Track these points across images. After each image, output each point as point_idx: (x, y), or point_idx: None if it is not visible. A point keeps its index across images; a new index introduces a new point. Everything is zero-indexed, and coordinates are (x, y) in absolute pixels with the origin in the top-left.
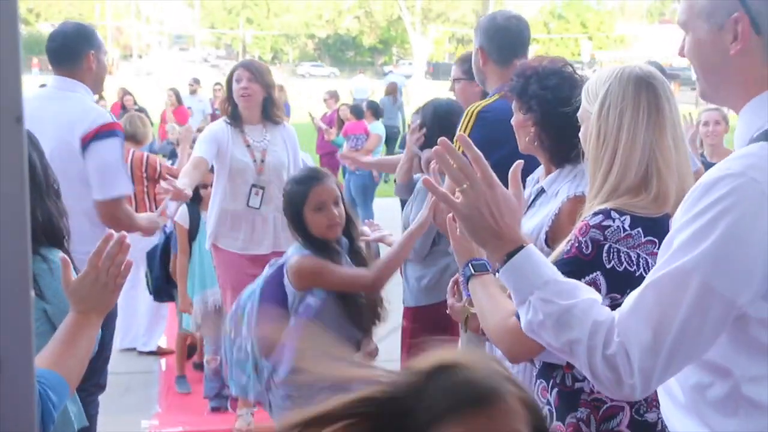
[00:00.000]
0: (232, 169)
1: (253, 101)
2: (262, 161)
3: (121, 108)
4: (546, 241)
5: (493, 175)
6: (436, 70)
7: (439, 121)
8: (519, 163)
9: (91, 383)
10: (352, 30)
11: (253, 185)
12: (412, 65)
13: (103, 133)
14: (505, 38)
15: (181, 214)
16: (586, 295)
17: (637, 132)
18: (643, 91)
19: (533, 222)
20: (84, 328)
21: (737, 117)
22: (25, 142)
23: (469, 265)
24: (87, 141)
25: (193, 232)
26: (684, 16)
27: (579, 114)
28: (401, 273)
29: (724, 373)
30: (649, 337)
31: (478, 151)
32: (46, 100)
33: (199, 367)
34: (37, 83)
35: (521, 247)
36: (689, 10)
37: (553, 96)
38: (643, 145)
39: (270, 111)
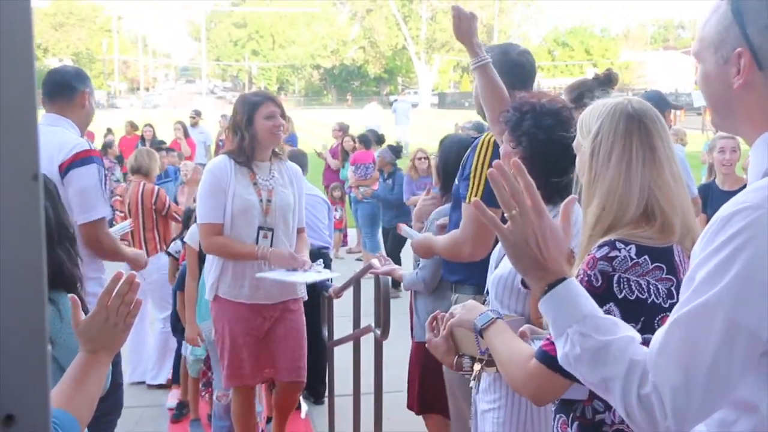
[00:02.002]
0: (235, 208)
1: (281, 139)
2: (269, 201)
3: (140, 139)
4: (523, 281)
5: (543, 205)
6: (441, 99)
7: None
8: (572, 198)
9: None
10: (357, 60)
11: (260, 228)
12: (417, 94)
13: (79, 160)
14: (519, 74)
15: (191, 236)
16: (624, 332)
17: (630, 171)
18: (635, 130)
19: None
20: (94, 368)
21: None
22: (41, 200)
23: (477, 318)
24: (64, 168)
25: (203, 253)
26: (696, 47)
27: (574, 144)
28: (412, 307)
29: (750, 409)
30: (680, 378)
31: (531, 180)
32: None
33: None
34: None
35: (563, 279)
36: (700, 42)
37: (545, 136)
38: (641, 184)
39: (278, 146)
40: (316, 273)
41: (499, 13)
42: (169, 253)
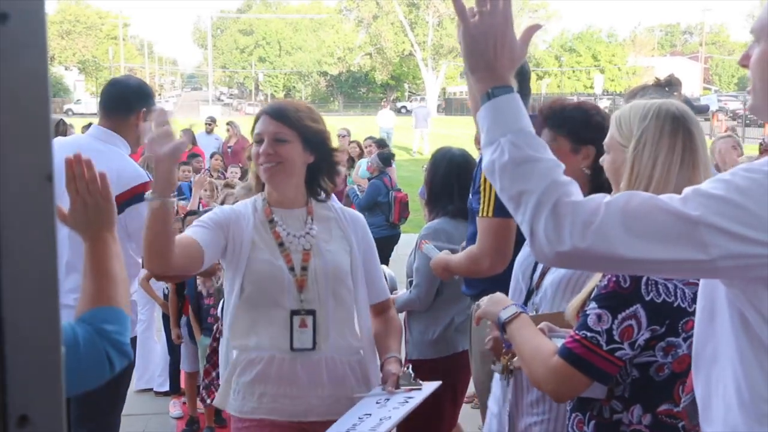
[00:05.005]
0: (249, 276)
1: (283, 177)
2: (304, 269)
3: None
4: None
5: (512, 14)
6: (448, 105)
7: (454, 171)
8: (535, 26)
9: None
10: (364, 67)
11: (294, 312)
12: (424, 100)
13: (137, 195)
14: (520, 79)
15: None
16: (553, 157)
17: (671, 171)
18: (680, 132)
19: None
20: (106, 248)
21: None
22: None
23: (501, 311)
24: (121, 203)
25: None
26: (758, 24)
27: (606, 142)
28: (405, 326)
29: None
30: (628, 212)
31: None
32: (84, 150)
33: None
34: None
35: (508, 89)
36: (762, 20)
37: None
38: (677, 184)
39: (316, 184)
40: (405, 399)
41: None
42: None
